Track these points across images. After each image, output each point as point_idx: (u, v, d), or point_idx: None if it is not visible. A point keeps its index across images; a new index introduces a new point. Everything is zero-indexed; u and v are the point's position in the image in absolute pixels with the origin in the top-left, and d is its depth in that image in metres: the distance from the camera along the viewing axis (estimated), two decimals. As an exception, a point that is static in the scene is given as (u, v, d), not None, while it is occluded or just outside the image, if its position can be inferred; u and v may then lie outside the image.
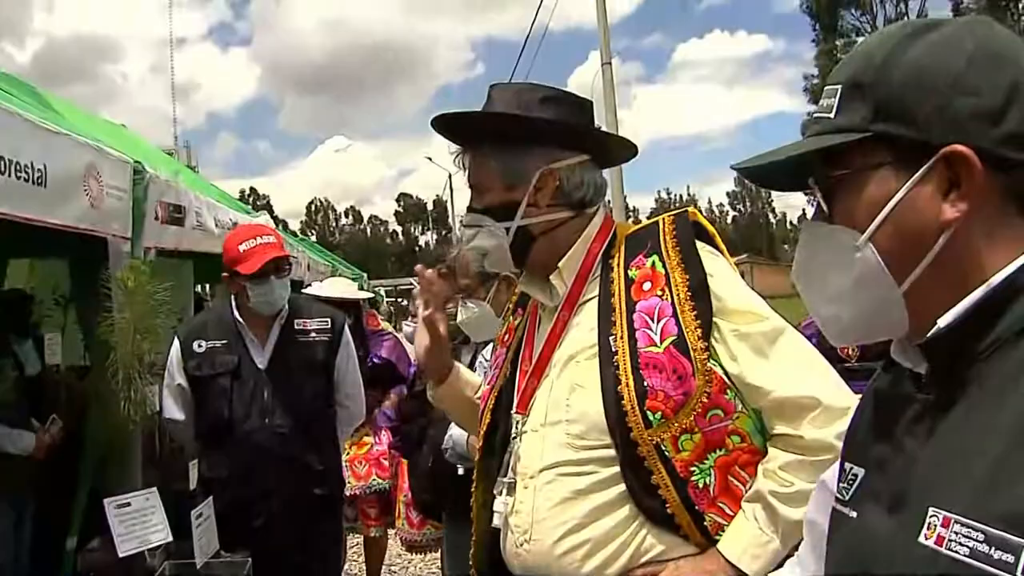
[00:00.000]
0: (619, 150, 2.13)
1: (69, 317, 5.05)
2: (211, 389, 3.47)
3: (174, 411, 3.56)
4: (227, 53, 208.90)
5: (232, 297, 3.57)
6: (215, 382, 3.47)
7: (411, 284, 8.41)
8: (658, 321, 1.80)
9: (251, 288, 3.44)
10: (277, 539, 3.27)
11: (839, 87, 1.04)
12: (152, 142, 10.50)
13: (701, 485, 1.76)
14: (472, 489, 2.10)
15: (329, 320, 3.66)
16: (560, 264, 1.94)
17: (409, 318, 5.48)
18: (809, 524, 1.29)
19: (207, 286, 8.89)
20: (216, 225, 4.63)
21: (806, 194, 1.12)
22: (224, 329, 3.54)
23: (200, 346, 3.49)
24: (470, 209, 1.98)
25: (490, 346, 3.49)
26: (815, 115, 1.08)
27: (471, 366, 3.73)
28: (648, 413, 1.73)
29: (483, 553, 2.07)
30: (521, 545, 1.87)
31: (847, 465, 1.12)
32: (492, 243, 1.94)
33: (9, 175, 2.43)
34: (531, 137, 1.92)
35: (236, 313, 3.55)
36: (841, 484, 1.11)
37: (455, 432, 3.24)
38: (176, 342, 3.50)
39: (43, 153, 2.64)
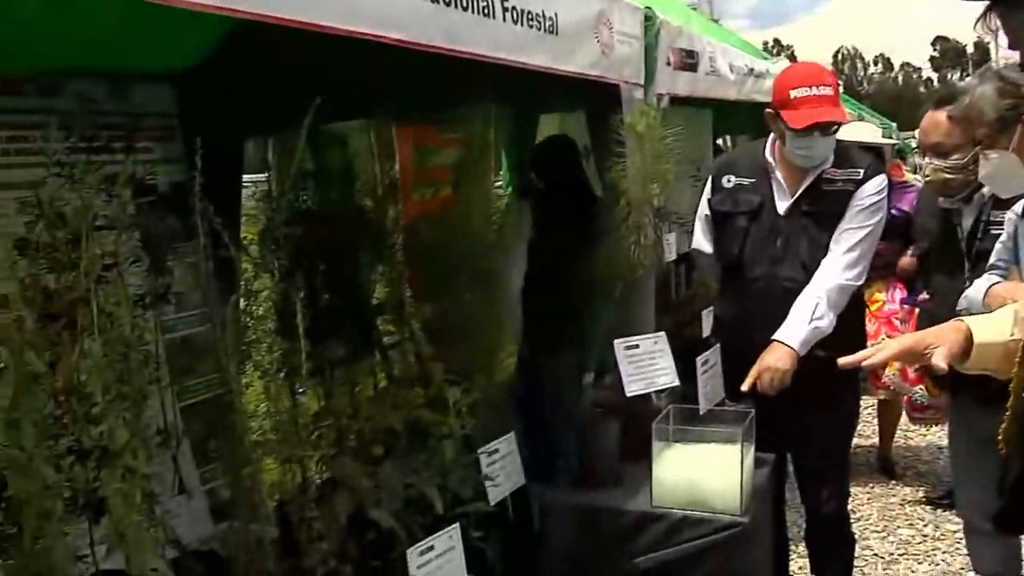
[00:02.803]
0: None
1: (591, 166, 5.30)
2: (729, 227, 3.43)
3: (703, 243, 3.59)
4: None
5: (771, 134, 3.42)
6: (734, 220, 3.42)
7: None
8: None
9: (791, 139, 3.25)
10: (778, 393, 3.17)
11: None
12: (678, -2, 10.54)
13: None
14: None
15: (861, 170, 3.32)
16: None
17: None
18: None
19: (727, 138, 8.87)
20: (731, 71, 4.50)
21: None
22: (755, 167, 3.43)
23: (728, 181, 3.44)
24: (1022, 66, 1.68)
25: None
26: None
27: (975, 230, 3.27)
28: None
29: (1017, 433, 1.82)
30: None
31: None
32: None
33: (521, 24, 2.50)
34: None
35: (769, 152, 3.42)
36: None
37: (970, 292, 2.87)
38: (710, 175, 3.50)
39: (554, 2, 2.69)
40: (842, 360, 2.11)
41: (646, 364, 2.99)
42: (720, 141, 8.22)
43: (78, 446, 2.13)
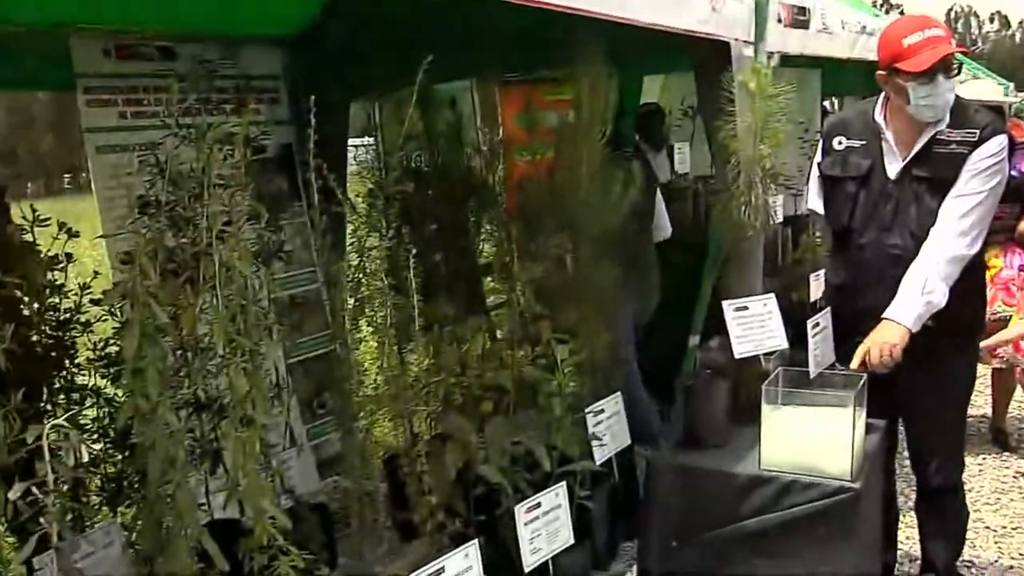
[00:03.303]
0: None
1: (697, 127, 5.23)
2: (838, 191, 3.30)
3: (815, 202, 3.47)
4: None
5: (882, 94, 3.29)
6: (843, 185, 3.28)
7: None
8: None
9: (914, 89, 3.08)
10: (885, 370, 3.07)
11: None
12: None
13: None
14: None
15: (977, 131, 3.07)
16: None
17: None
18: None
19: (833, 100, 8.67)
20: (843, 28, 4.37)
21: None
22: (866, 128, 3.29)
23: (840, 143, 3.30)
24: None
25: None
26: None
27: None
28: None
29: None
30: None
31: None
32: None
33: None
34: None
35: (880, 113, 3.28)
36: None
37: None
38: (822, 135, 3.39)
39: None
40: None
41: (755, 326, 2.94)
42: (827, 103, 8.03)
43: (196, 398, 2.21)
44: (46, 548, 1.90)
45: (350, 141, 4.43)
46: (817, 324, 2.97)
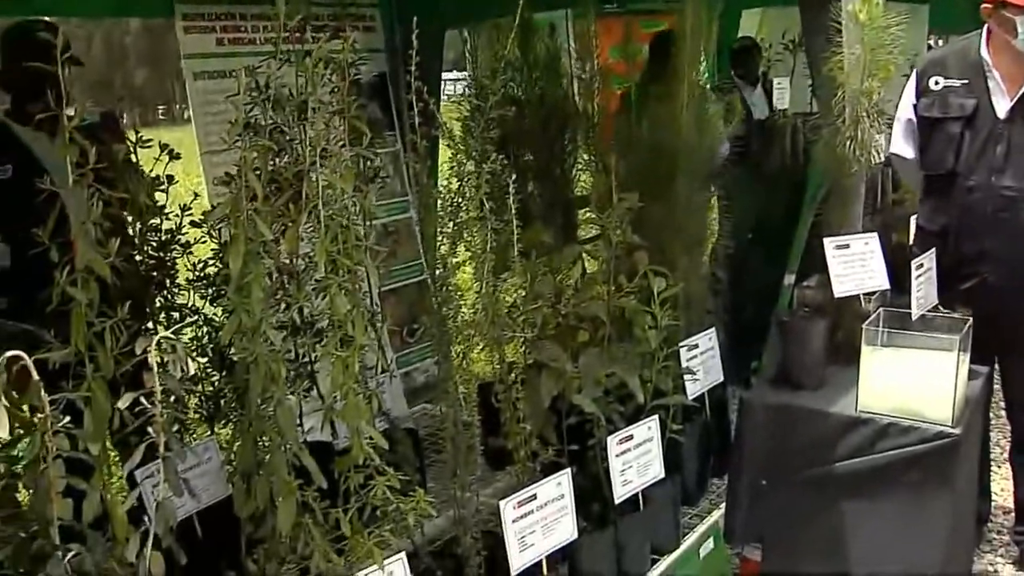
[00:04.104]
0: None
1: (798, 62, 5.08)
2: (939, 133, 3.17)
3: (902, 146, 3.34)
4: None
5: (984, 30, 3.14)
6: (944, 126, 3.15)
7: None
8: None
9: (1022, 23, 2.96)
10: (993, 305, 2.98)
11: None
12: None
13: None
14: None
15: None
16: None
17: None
18: None
19: (937, 40, 8.35)
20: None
21: None
22: (967, 66, 3.14)
23: (936, 83, 3.17)
24: None
25: None
26: None
27: None
28: None
29: None
30: None
31: None
32: None
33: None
34: None
35: (984, 49, 3.13)
36: None
37: None
38: (914, 75, 3.24)
39: None
40: None
41: (856, 265, 2.85)
42: (931, 41, 7.74)
43: (293, 321, 2.23)
44: (147, 461, 1.95)
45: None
46: (921, 265, 2.88)
